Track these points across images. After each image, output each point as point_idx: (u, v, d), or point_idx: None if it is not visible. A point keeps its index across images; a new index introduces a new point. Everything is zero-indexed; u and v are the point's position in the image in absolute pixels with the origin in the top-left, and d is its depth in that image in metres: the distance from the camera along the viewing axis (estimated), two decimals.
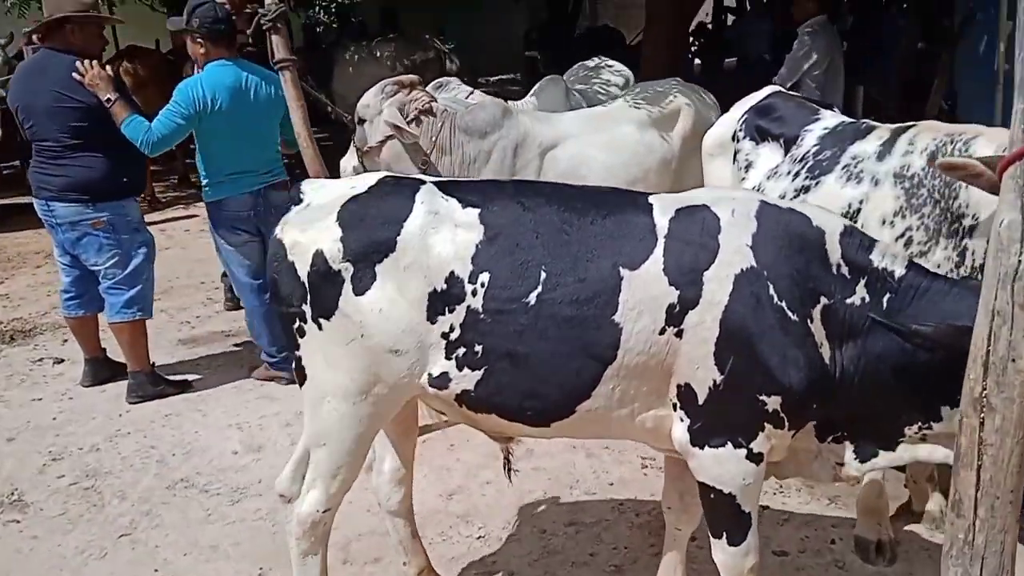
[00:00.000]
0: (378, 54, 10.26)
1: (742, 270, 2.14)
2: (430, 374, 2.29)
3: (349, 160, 4.05)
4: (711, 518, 2.38)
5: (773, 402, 2.16)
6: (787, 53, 6.48)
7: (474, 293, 2.21)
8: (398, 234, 2.24)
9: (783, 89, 3.65)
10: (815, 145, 3.17)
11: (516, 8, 16.16)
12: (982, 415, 1.74)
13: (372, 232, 2.26)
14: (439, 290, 2.23)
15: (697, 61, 13.11)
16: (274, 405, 4.45)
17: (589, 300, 2.17)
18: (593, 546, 3.18)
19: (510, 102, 4.21)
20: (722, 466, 2.25)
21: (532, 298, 2.18)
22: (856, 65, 7.22)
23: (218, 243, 4.52)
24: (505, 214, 2.27)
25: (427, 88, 4.13)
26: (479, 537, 3.28)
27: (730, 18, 14.90)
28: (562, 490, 3.56)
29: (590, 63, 5.31)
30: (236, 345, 5.33)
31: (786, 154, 3.32)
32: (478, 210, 2.27)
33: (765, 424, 2.20)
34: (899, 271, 2.16)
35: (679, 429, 2.27)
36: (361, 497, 3.25)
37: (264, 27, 3.68)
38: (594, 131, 3.98)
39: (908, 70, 8.81)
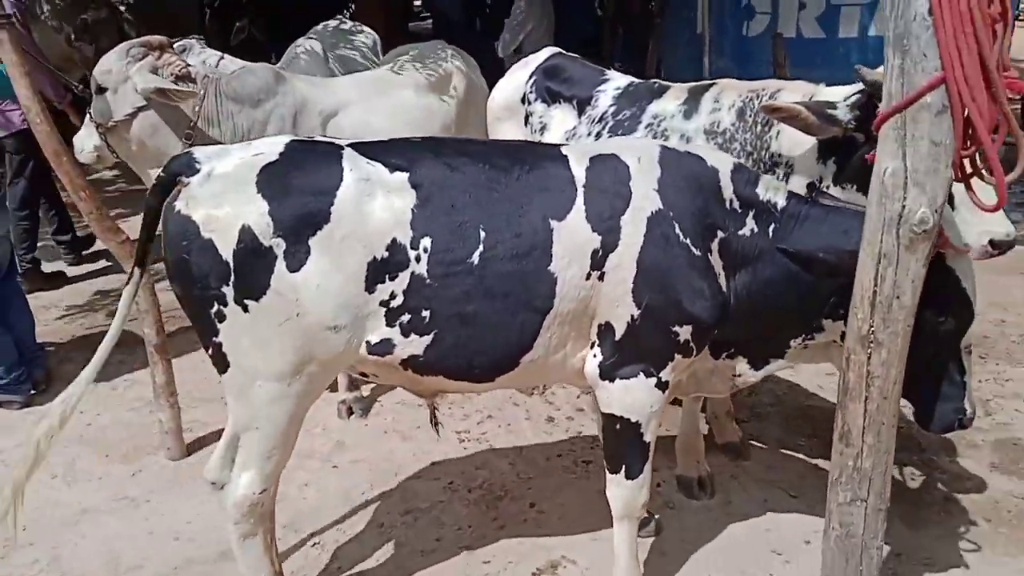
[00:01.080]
0: (39, 12, 8.85)
1: (652, 213, 2.26)
2: (368, 342, 2.23)
3: (87, 138, 3.40)
4: (614, 451, 2.48)
5: (684, 332, 2.30)
6: (477, 15, 6.70)
7: (418, 259, 2.17)
8: (331, 204, 2.12)
9: (562, 51, 3.69)
10: (611, 105, 3.26)
11: None
12: (869, 350, 1.89)
13: (303, 203, 2.12)
14: (379, 259, 2.16)
15: None
16: (12, 436, 3.69)
17: (527, 254, 2.21)
18: (436, 530, 3.07)
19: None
20: (632, 395, 2.36)
21: (475, 258, 2.18)
22: None
23: None
24: (433, 175, 2.22)
25: None
26: (313, 544, 3.00)
27: None
28: (387, 479, 3.38)
29: (331, 23, 4.97)
30: None
31: (580, 115, 3.37)
32: (406, 174, 2.20)
33: (675, 354, 2.34)
34: (781, 202, 2.35)
35: (591, 364, 2.37)
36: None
37: None
38: (374, 96, 3.73)
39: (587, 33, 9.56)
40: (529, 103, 3.51)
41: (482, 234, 2.19)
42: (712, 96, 2.96)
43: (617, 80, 3.37)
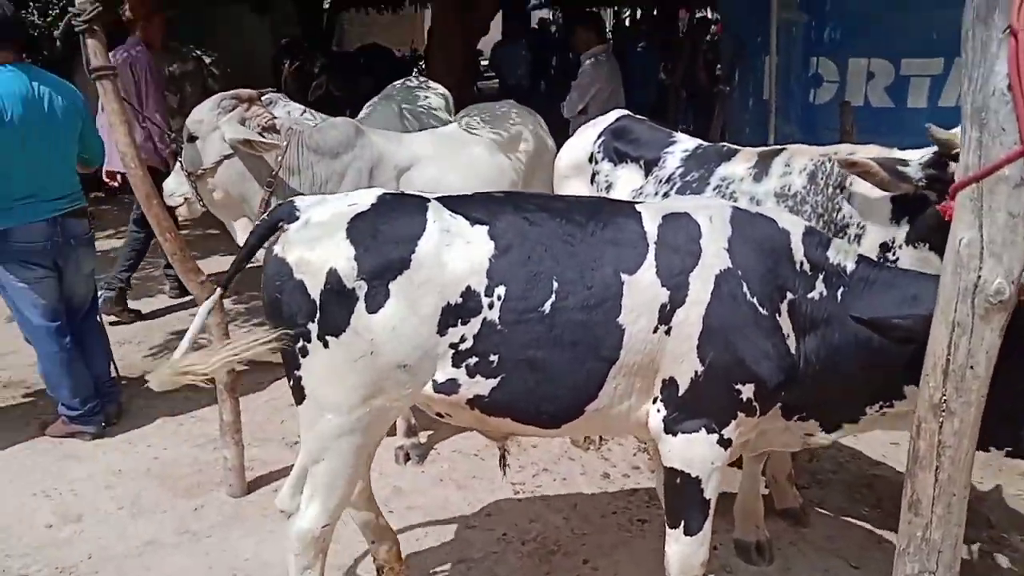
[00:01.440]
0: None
1: (720, 271, 2.31)
2: (435, 381, 2.34)
3: (177, 184, 3.59)
4: (674, 505, 2.49)
5: (747, 390, 2.33)
6: (543, 77, 6.86)
7: (491, 306, 2.28)
8: (413, 252, 2.27)
9: (630, 113, 3.78)
10: (679, 166, 3.31)
11: (260, 23, 15.60)
12: (941, 419, 1.88)
13: (386, 250, 2.27)
14: (453, 304, 2.28)
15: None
16: (83, 466, 3.84)
17: (597, 305, 2.29)
18: None
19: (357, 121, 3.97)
20: (693, 449, 2.38)
21: (547, 307, 2.28)
22: None
23: (3, 280, 3.82)
24: (512, 228, 2.34)
25: None
26: None
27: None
28: (441, 527, 3.40)
29: (410, 82, 5.17)
30: (21, 397, 4.55)
31: (647, 175, 3.43)
32: (486, 226, 2.34)
33: (738, 412, 2.36)
34: (850, 266, 2.37)
35: (655, 419, 2.40)
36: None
37: (77, 29, 3.16)
38: (447, 153, 3.86)
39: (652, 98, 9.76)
40: (596, 162, 3.59)
41: (555, 284, 2.28)
42: (783, 160, 3.00)
43: (685, 142, 3.43)
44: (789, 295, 2.34)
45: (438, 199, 2.41)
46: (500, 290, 2.27)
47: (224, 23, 15.67)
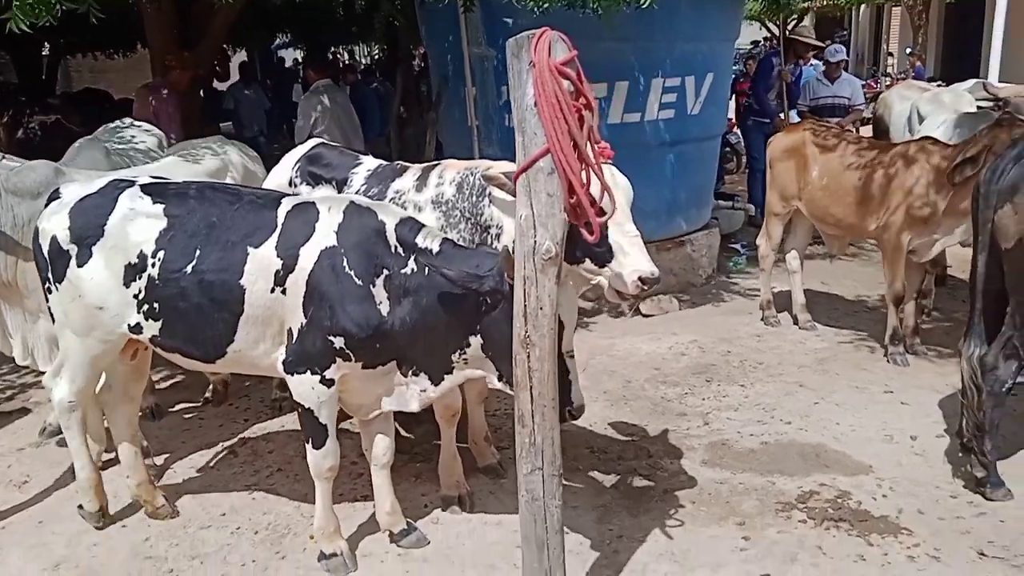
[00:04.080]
0: None
1: (326, 247, 3.04)
2: (128, 323, 3.25)
3: None
4: (303, 428, 3.26)
5: (339, 341, 3.04)
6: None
7: (153, 266, 3.14)
8: (105, 224, 3.21)
9: (325, 140, 4.27)
10: (363, 184, 3.83)
11: None
12: (528, 350, 2.49)
13: (88, 223, 3.22)
14: (131, 264, 3.17)
15: None
16: None
17: (224, 270, 3.08)
18: (222, 570, 3.38)
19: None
20: (304, 387, 3.12)
21: (189, 269, 3.10)
22: None
23: None
24: (183, 208, 3.20)
25: None
26: None
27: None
28: (174, 531, 3.64)
29: (120, 124, 5.33)
30: None
31: (340, 193, 3.92)
32: (164, 206, 3.21)
33: (336, 358, 3.07)
34: (436, 247, 3.04)
35: (281, 361, 3.15)
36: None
37: None
38: None
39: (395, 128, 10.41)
40: (295, 185, 4.02)
41: (197, 253, 3.09)
42: (437, 173, 3.60)
43: (369, 163, 3.95)
44: (385, 271, 3.03)
45: (144, 185, 3.30)
46: (160, 255, 3.12)
47: None
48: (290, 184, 4.03)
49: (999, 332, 3.52)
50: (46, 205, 3.36)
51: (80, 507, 3.72)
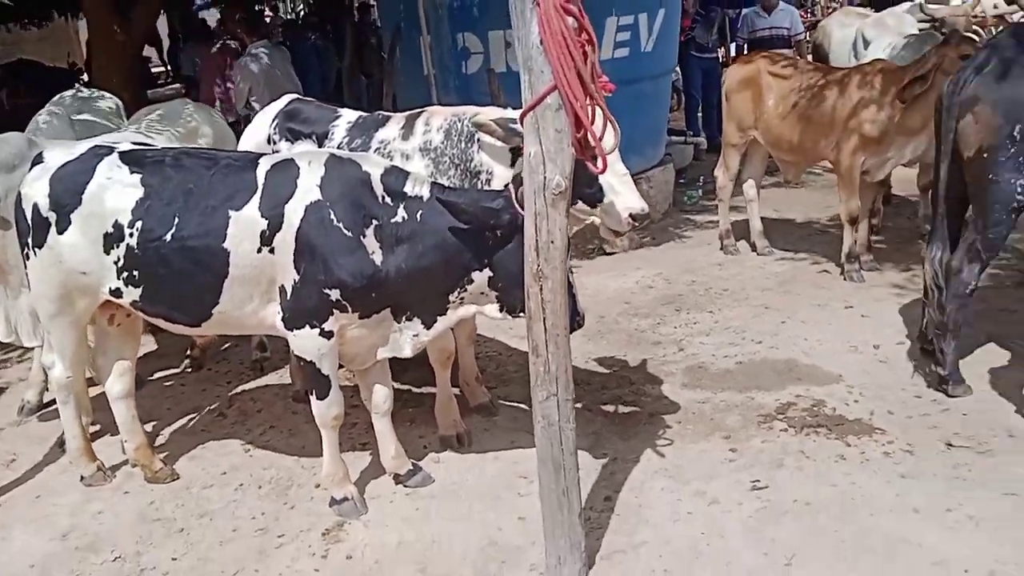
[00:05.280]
0: None
1: (311, 202, 3.06)
2: (110, 287, 3.30)
3: None
4: (306, 382, 3.41)
5: (335, 293, 3.07)
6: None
7: (131, 235, 3.18)
8: (83, 193, 3.25)
9: (299, 96, 4.25)
10: (345, 136, 3.83)
11: None
12: (540, 283, 2.60)
13: (67, 191, 3.26)
14: (109, 232, 3.22)
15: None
16: None
17: (206, 235, 3.11)
18: (232, 524, 3.45)
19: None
20: (304, 341, 3.17)
21: (168, 236, 3.14)
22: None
23: None
24: (159, 176, 3.22)
25: None
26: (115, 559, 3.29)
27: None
28: (179, 492, 3.70)
29: (80, 92, 5.18)
30: None
31: (320, 148, 3.93)
32: (140, 175, 3.23)
33: (333, 310, 3.11)
34: (426, 193, 3.09)
35: (277, 319, 3.19)
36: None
37: None
38: None
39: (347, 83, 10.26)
40: (275, 143, 3.98)
41: (176, 220, 3.12)
42: (423, 120, 3.63)
43: (348, 115, 3.94)
44: (375, 221, 3.06)
45: (123, 152, 3.32)
46: (138, 224, 3.16)
47: None
48: (268, 142, 4.00)
49: (960, 238, 3.77)
50: (30, 169, 3.40)
51: (82, 478, 3.75)
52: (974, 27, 5.60)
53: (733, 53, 9.89)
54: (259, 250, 3.08)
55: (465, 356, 4.11)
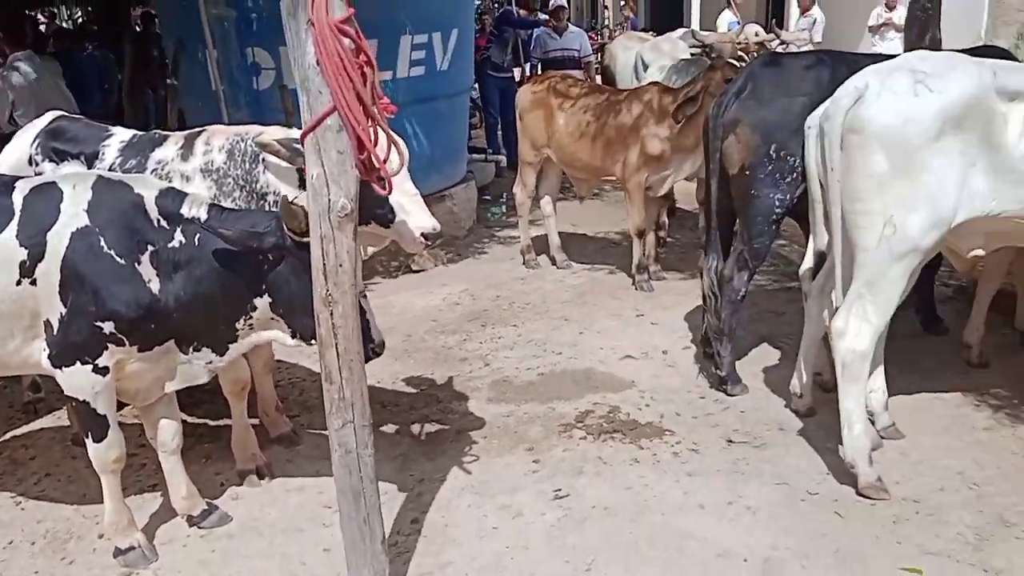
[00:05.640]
0: None
1: (78, 228, 2.84)
2: None
3: None
4: (80, 423, 3.13)
5: (108, 326, 2.85)
6: None
7: None
8: None
9: (65, 113, 3.91)
10: (118, 157, 3.57)
11: None
12: (330, 308, 2.54)
13: None
14: None
15: None
16: None
17: None
18: None
19: None
20: (76, 379, 2.92)
21: None
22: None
23: None
24: None
25: None
26: None
27: None
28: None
29: None
30: None
31: (90, 169, 3.64)
32: None
33: (107, 344, 2.88)
34: (203, 215, 2.92)
35: (44, 357, 2.94)
36: None
37: None
38: None
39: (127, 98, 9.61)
40: (37, 164, 3.65)
41: None
42: (203, 140, 3.45)
43: (121, 134, 3.67)
44: (150, 247, 2.88)
45: None
46: None
47: None
48: (30, 163, 3.66)
49: (732, 247, 4.10)
50: None
51: None
52: (739, 53, 6.12)
53: (528, 73, 10.23)
54: (18, 282, 2.84)
55: (264, 385, 3.95)
